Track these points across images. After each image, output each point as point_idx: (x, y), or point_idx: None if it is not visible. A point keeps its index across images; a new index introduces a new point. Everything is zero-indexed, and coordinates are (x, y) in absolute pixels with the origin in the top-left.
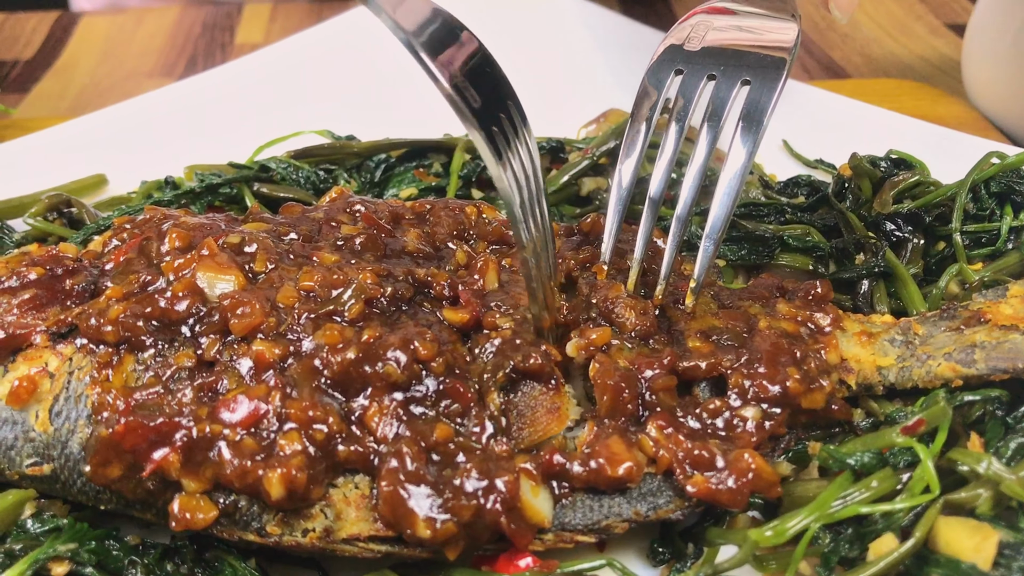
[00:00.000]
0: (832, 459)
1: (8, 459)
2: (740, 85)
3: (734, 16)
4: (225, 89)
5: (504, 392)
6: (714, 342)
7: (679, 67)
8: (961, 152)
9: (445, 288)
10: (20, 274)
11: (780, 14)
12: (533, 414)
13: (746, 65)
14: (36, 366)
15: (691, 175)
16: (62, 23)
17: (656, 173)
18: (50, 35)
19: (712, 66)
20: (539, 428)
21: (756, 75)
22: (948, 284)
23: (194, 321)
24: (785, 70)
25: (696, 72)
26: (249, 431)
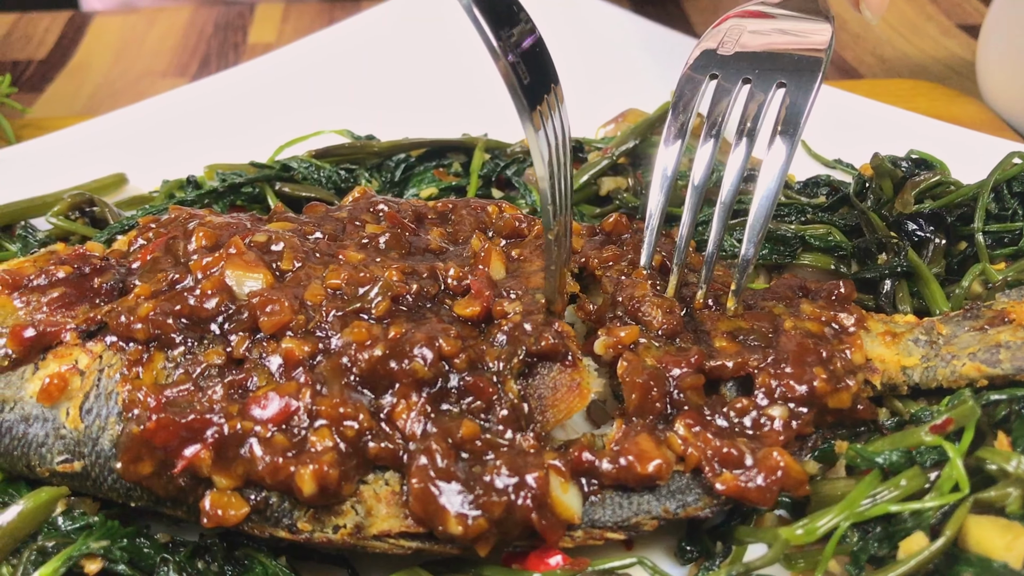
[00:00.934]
0: (860, 458)
1: (39, 456)
2: (775, 88)
3: (767, 19)
4: (243, 88)
5: (523, 378)
6: (740, 342)
7: (713, 72)
8: (979, 152)
9: (450, 278)
10: (49, 272)
11: (813, 16)
12: (554, 395)
13: (781, 68)
14: (66, 363)
15: (729, 179)
16: (75, 23)
17: (694, 176)
18: (63, 35)
19: (747, 70)
20: (562, 407)
21: (791, 78)
22: (971, 284)
23: (223, 319)
24: (820, 72)
25: (731, 76)
26: (280, 428)
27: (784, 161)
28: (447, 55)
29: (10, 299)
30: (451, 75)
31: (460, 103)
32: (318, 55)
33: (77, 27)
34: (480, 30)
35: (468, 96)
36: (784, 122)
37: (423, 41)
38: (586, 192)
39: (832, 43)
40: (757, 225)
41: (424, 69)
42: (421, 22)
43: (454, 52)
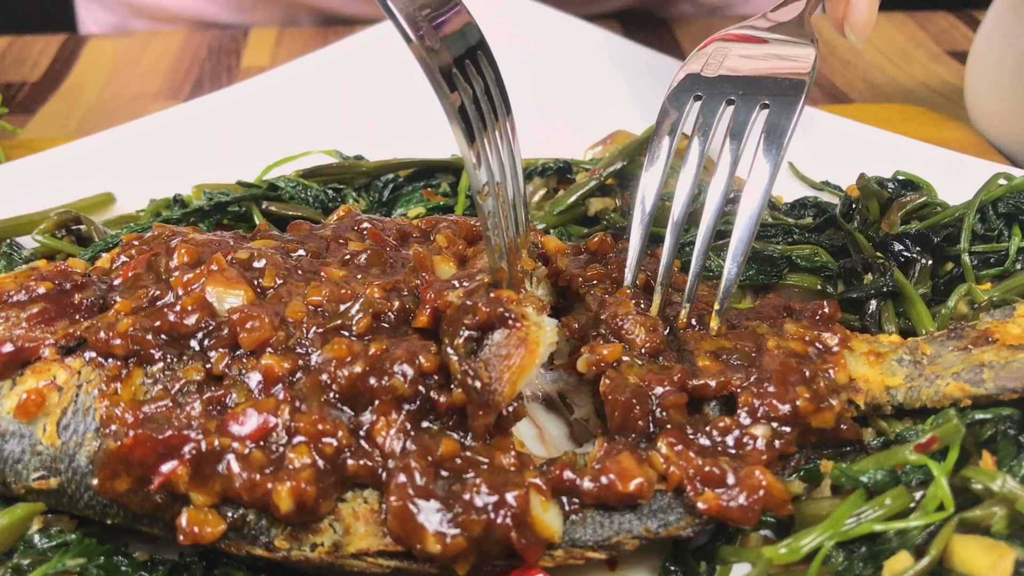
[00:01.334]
0: (845, 477)
1: (15, 473)
2: (759, 109)
3: (752, 43)
4: (233, 109)
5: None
6: (723, 361)
7: (698, 93)
8: (966, 174)
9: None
10: (29, 288)
11: (798, 39)
12: (503, 361)
13: (764, 90)
14: (44, 379)
15: (713, 199)
16: (69, 46)
17: (678, 197)
18: (57, 57)
19: (731, 91)
20: (514, 369)
21: (775, 99)
22: (957, 304)
23: (203, 335)
24: (804, 93)
25: (715, 97)
26: (258, 444)
27: (767, 181)
28: None
29: None
30: None
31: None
32: (307, 76)
33: (71, 50)
34: None
35: None
36: (767, 142)
37: (412, 62)
38: (574, 213)
39: (816, 65)
40: (740, 245)
41: (412, 90)
42: None
43: None
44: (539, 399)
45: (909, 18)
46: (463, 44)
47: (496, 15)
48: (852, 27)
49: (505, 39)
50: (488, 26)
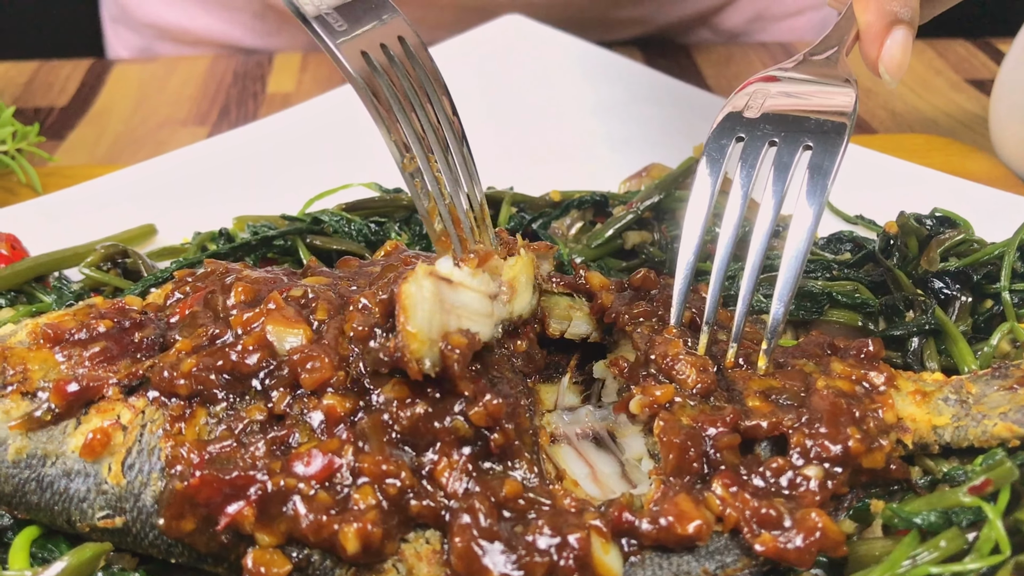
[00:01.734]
0: (898, 518)
1: (80, 511)
2: (802, 150)
3: (791, 83)
4: (270, 141)
5: None
6: (773, 401)
7: (740, 134)
8: (999, 209)
9: None
10: (90, 327)
11: (836, 80)
12: None
13: (807, 130)
14: (109, 419)
15: (758, 238)
16: (95, 71)
17: (723, 237)
18: (84, 83)
19: (772, 132)
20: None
21: (817, 140)
22: (1000, 342)
23: (264, 375)
24: (846, 134)
25: (757, 139)
26: (323, 485)
27: (812, 222)
28: (474, 111)
29: (52, 353)
30: (478, 130)
31: (486, 157)
32: (343, 108)
33: (97, 75)
34: None
35: (494, 151)
36: (811, 182)
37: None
38: (612, 246)
39: (856, 106)
40: (787, 287)
41: None
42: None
43: (481, 108)
44: (589, 437)
45: (928, 46)
46: (382, 31)
47: (515, 43)
48: (886, 67)
49: (530, 72)
50: (515, 59)
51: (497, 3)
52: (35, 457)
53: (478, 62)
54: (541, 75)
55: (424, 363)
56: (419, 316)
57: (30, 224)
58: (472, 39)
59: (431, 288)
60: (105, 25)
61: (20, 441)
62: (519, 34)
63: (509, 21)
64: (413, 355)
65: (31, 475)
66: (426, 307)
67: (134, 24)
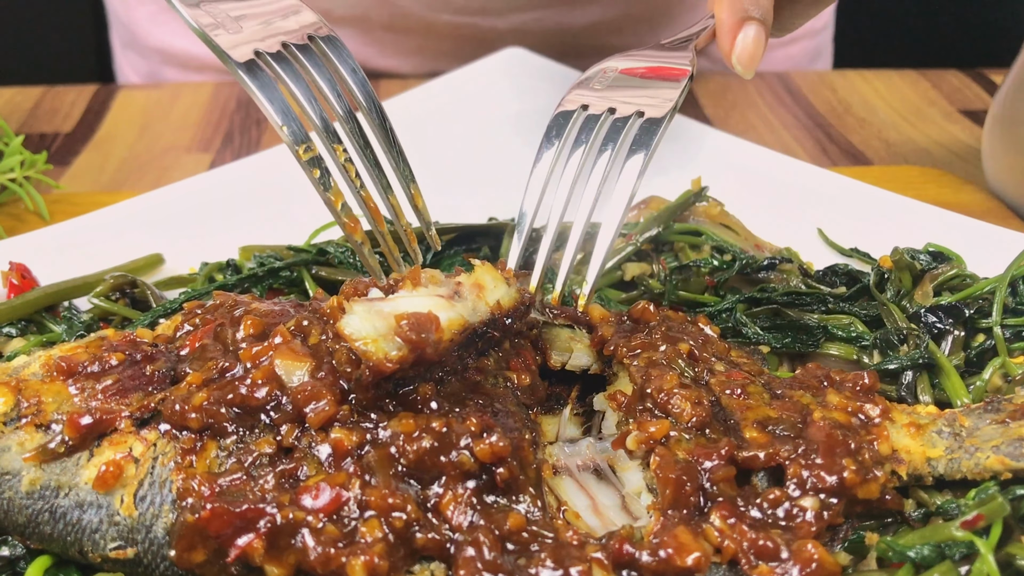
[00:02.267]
0: (892, 551)
1: (92, 542)
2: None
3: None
4: (274, 171)
5: None
6: (770, 432)
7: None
8: (992, 244)
9: None
10: (102, 359)
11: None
12: None
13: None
14: (121, 451)
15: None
16: (100, 97)
17: None
18: (88, 108)
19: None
20: None
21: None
22: (992, 377)
23: (272, 408)
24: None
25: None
26: (331, 518)
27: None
28: (475, 141)
29: (65, 386)
30: (479, 160)
31: (487, 188)
32: None
33: (102, 100)
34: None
35: (495, 181)
36: (636, 140)
37: (449, 127)
38: (611, 277)
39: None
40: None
41: (453, 154)
42: (446, 108)
43: (482, 139)
44: (590, 469)
45: (921, 76)
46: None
47: (516, 75)
48: (738, 59)
49: (528, 101)
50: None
51: (495, 32)
52: (48, 488)
53: (480, 93)
54: (541, 107)
55: (390, 354)
56: (356, 326)
57: (39, 253)
58: (474, 71)
59: (360, 307)
60: (115, 50)
61: (34, 472)
62: (520, 67)
63: (510, 54)
64: (374, 356)
65: (44, 506)
66: (358, 319)
67: (142, 49)
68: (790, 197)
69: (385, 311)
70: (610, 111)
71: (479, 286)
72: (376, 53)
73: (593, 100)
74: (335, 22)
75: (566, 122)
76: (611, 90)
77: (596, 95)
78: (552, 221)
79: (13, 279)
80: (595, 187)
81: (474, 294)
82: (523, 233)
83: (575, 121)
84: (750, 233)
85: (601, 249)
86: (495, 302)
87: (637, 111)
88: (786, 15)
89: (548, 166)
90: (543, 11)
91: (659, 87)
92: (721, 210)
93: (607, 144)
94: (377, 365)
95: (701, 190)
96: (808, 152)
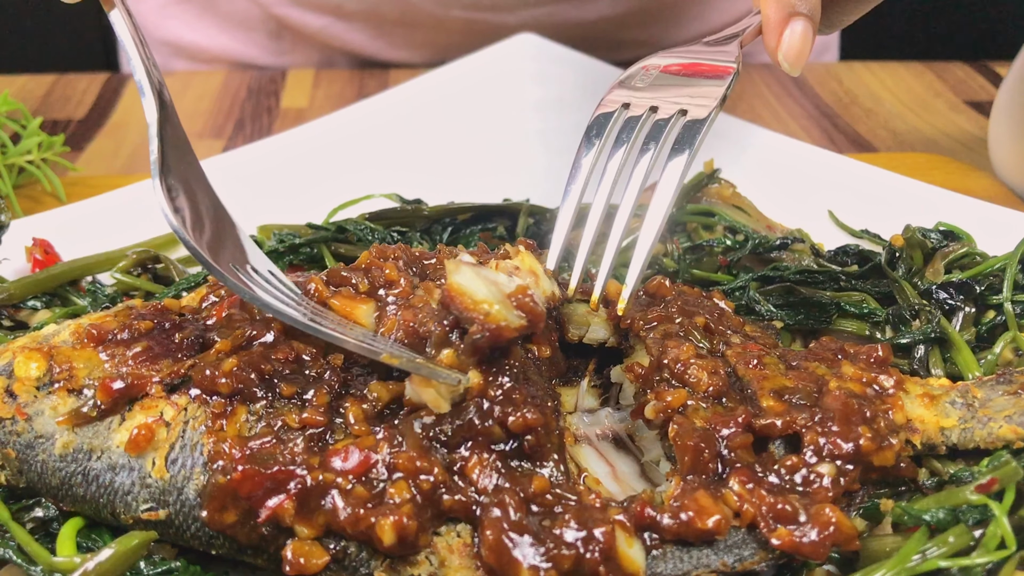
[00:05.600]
0: (907, 515)
1: (124, 504)
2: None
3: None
4: (290, 152)
5: None
6: (786, 401)
7: (625, 101)
8: (999, 224)
9: None
10: (132, 327)
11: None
12: None
13: (684, 95)
14: (152, 415)
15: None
16: (112, 84)
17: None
18: (101, 96)
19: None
20: None
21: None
22: (1003, 351)
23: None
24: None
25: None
26: (360, 480)
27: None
28: (490, 125)
29: (96, 352)
30: (494, 143)
31: (502, 170)
32: (361, 123)
33: (114, 88)
34: None
35: (510, 163)
36: (680, 139)
37: (464, 111)
38: (624, 258)
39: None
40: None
41: (467, 136)
42: (460, 93)
43: (497, 122)
44: (608, 438)
45: (927, 68)
46: None
47: (529, 61)
48: (784, 56)
49: (541, 86)
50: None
51: (506, 27)
52: (81, 451)
53: (493, 79)
54: (555, 92)
55: (513, 321)
56: (473, 287)
57: (60, 230)
58: (486, 57)
59: (469, 269)
60: None
61: (67, 436)
62: (533, 53)
63: (523, 40)
64: (496, 319)
65: (77, 468)
66: (471, 280)
67: (151, 42)
68: (801, 180)
69: (500, 280)
70: (652, 110)
71: (534, 273)
72: (386, 45)
73: (634, 99)
74: (346, 16)
75: (607, 122)
76: (653, 89)
77: (637, 94)
78: (592, 223)
79: (37, 254)
80: (636, 188)
81: (532, 279)
82: (562, 235)
83: (616, 120)
84: (762, 214)
85: (642, 252)
86: (550, 294)
87: (680, 110)
88: (835, 11)
89: (588, 168)
90: (554, 6)
91: (703, 85)
92: (733, 192)
93: (649, 144)
94: (500, 330)
95: (713, 172)
96: (815, 141)
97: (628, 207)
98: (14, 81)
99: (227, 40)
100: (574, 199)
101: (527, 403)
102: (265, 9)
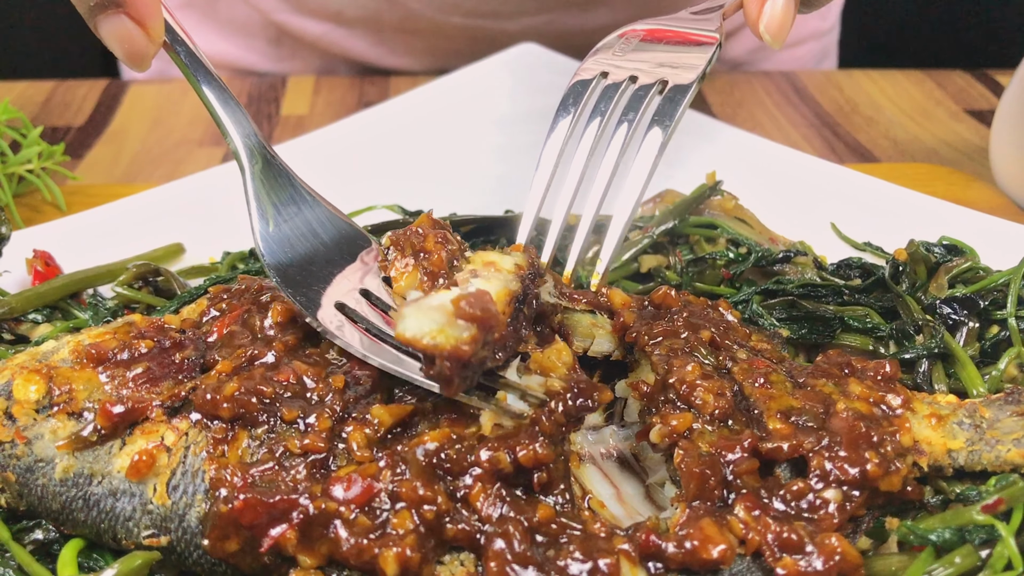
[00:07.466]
0: (913, 535)
1: (125, 529)
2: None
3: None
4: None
5: None
6: (793, 423)
7: (604, 69)
8: (1002, 238)
9: None
10: (132, 347)
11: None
12: None
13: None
14: (153, 440)
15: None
16: (111, 91)
17: None
18: (100, 103)
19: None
20: None
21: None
22: (1007, 367)
23: (305, 400)
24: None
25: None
26: (362, 509)
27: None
28: (491, 135)
29: (96, 373)
30: (495, 154)
31: (504, 181)
32: (363, 133)
33: (113, 95)
34: None
35: (512, 175)
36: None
37: (463, 122)
38: (627, 269)
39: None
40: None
41: (469, 148)
42: (461, 104)
43: (498, 133)
44: (613, 457)
45: (927, 76)
46: None
47: (531, 71)
48: (766, 27)
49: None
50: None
51: (506, 35)
52: (82, 476)
53: (494, 89)
54: (556, 102)
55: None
56: (416, 327)
57: (61, 242)
58: (487, 67)
59: (410, 308)
60: None
61: (67, 460)
62: (534, 63)
63: (524, 50)
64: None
65: (78, 493)
66: (414, 320)
67: None
68: (803, 192)
69: (435, 303)
70: (631, 79)
71: (491, 263)
72: (387, 52)
73: (613, 67)
74: (346, 23)
75: (584, 90)
76: (633, 56)
77: (617, 61)
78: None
79: (38, 266)
80: (612, 161)
81: (491, 270)
82: (534, 208)
83: (593, 89)
84: (764, 227)
85: (618, 226)
86: (514, 265)
87: (661, 80)
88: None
89: (562, 138)
90: (553, 14)
91: (685, 53)
92: (736, 204)
93: (627, 114)
94: (453, 352)
95: (716, 184)
96: (816, 150)
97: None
98: (13, 87)
99: (227, 46)
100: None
101: (535, 436)
102: (265, 15)
